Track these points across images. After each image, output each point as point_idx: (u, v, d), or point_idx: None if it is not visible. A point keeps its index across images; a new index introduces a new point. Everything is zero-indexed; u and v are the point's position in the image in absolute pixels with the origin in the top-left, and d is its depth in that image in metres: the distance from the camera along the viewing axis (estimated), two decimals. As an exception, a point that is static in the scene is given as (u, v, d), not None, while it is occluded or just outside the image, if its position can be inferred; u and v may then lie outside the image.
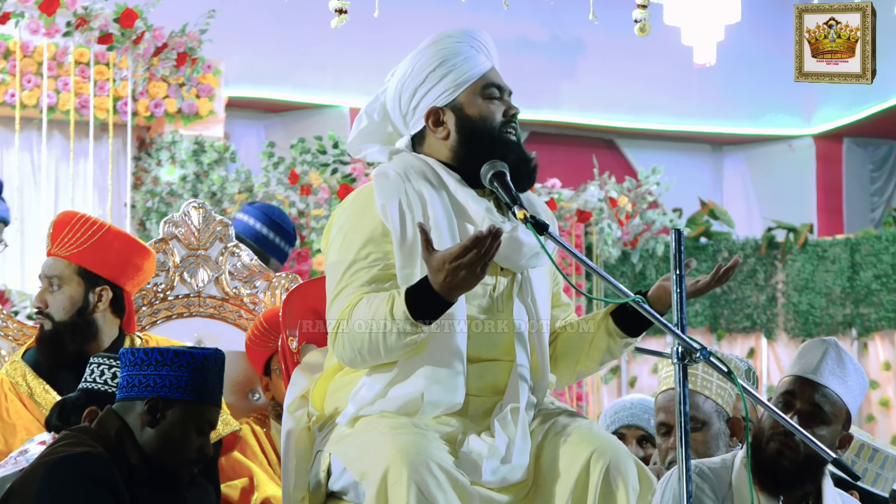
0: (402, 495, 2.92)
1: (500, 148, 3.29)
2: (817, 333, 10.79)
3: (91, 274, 4.00)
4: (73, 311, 3.98)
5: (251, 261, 4.52)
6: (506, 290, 3.28)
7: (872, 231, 11.04)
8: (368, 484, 2.98)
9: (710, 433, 4.14)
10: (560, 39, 11.82)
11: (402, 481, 2.93)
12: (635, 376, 10.75)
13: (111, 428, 3.23)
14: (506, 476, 3.12)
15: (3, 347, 4.18)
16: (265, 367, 4.28)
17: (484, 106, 3.32)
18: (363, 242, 3.21)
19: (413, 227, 3.18)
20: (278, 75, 10.63)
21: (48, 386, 3.90)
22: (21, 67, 8.60)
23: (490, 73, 3.35)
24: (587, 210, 10.08)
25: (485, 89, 3.33)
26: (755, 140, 12.77)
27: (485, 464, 3.08)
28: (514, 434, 3.13)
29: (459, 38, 3.36)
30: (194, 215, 4.48)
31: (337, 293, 3.20)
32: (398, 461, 2.95)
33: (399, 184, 3.24)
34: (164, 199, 9.01)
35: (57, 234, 4.03)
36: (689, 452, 3.06)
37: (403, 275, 3.17)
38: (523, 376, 3.23)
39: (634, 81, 11.84)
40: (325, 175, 9.37)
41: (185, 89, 9.11)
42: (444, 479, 2.96)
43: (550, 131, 11.91)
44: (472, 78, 3.32)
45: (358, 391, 3.21)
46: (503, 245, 3.10)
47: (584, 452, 3.10)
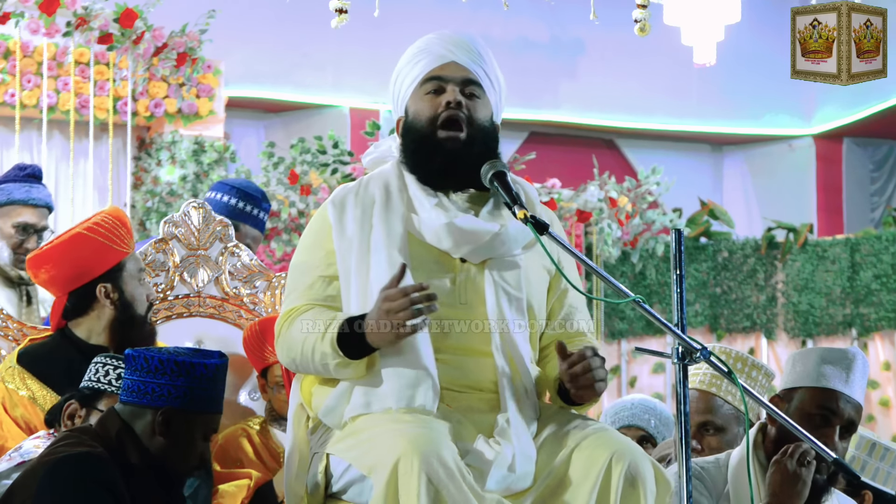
0: (413, 486, 2.90)
1: (429, 147, 3.28)
2: (817, 333, 10.79)
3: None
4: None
5: (251, 261, 4.52)
6: (467, 282, 3.24)
7: (872, 231, 11.04)
8: (378, 476, 2.97)
9: (725, 438, 4.13)
10: (560, 39, 11.82)
11: (412, 472, 2.91)
12: (635, 376, 10.75)
13: (112, 428, 3.23)
14: (510, 486, 3.11)
15: (2, 347, 4.18)
16: (263, 372, 4.28)
17: (420, 104, 3.32)
18: (309, 245, 3.32)
19: (353, 220, 3.24)
20: (278, 75, 10.63)
21: (47, 387, 3.88)
22: (21, 67, 8.60)
23: (436, 69, 3.31)
24: (587, 210, 10.08)
25: (423, 86, 3.32)
26: (755, 140, 12.77)
27: (491, 471, 3.07)
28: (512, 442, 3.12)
29: (417, 46, 3.37)
30: (194, 215, 4.47)
31: (288, 294, 3.31)
32: (409, 452, 2.93)
33: (354, 186, 3.34)
34: (164, 199, 9.01)
35: (128, 223, 4.01)
36: (689, 452, 3.06)
37: (343, 268, 3.25)
38: (502, 380, 3.20)
39: (634, 81, 11.84)
40: (325, 175, 9.37)
41: (185, 89, 9.10)
42: (455, 472, 2.95)
43: (550, 131, 11.91)
44: (416, 79, 3.32)
45: (326, 398, 3.24)
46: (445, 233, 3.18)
47: (602, 455, 3.08)
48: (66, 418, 3.54)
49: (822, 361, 3.64)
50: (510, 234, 3.25)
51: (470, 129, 3.28)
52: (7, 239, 5.03)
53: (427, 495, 2.90)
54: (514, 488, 3.12)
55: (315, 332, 3.17)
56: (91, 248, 3.90)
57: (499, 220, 3.27)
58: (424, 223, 3.24)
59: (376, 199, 3.27)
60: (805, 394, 3.63)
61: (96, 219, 3.94)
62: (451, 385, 3.20)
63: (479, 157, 3.27)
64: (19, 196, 5.03)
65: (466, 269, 3.26)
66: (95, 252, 3.90)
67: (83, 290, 3.91)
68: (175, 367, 3.21)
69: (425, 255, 3.24)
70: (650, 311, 3.08)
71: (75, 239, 3.93)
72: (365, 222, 3.26)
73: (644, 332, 10.58)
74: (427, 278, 3.18)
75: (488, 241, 3.23)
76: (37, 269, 3.95)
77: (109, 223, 3.92)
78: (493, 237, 3.23)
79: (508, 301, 3.24)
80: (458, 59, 3.31)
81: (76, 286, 3.91)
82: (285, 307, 3.29)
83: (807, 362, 3.67)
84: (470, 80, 3.31)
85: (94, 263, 3.90)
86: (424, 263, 3.23)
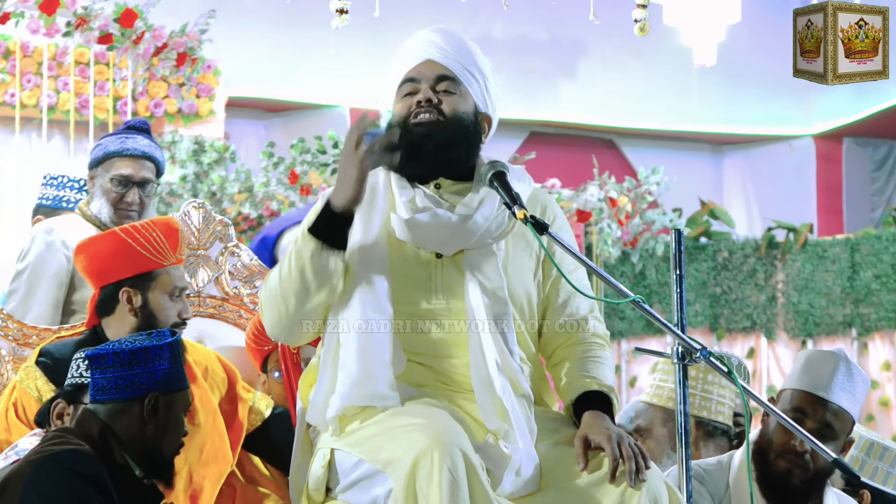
0: (435, 480, 2.88)
1: (406, 143, 3.25)
2: (817, 333, 10.80)
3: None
4: None
5: (251, 260, 4.52)
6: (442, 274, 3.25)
7: (872, 231, 11.04)
8: (395, 471, 2.96)
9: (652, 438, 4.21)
10: (560, 39, 11.82)
11: (434, 467, 2.89)
12: (635, 376, 10.75)
13: (92, 428, 3.24)
14: (519, 490, 3.10)
15: (2, 347, 4.18)
16: (263, 366, 4.28)
17: (398, 106, 3.33)
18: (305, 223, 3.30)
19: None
20: (278, 75, 10.63)
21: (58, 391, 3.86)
22: (21, 67, 8.61)
23: (413, 68, 3.33)
24: (587, 210, 10.08)
25: (400, 89, 3.34)
26: (755, 140, 12.78)
27: (506, 476, 3.07)
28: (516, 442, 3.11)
29: (399, 48, 3.38)
30: (194, 215, 4.48)
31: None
32: (430, 446, 2.91)
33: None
34: (164, 199, 9.01)
35: (178, 240, 3.96)
36: (689, 452, 3.06)
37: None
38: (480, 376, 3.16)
39: (634, 81, 11.84)
40: (325, 175, 9.37)
41: (185, 89, 9.11)
42: (476, 465, 2.94)
43: (550, 131, 11.92)
44: (395, 83, 3.35)
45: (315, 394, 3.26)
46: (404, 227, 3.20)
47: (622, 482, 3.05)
48: (56, 418, 3.54)
49: (806, 364, 3.66)
50: (478, 223, 3.22)
51: (441, 118, 3.27)
52: (106, 194, 4.80)
53: (449, 490, 2.88)
54: (520, 492, 3.11)
55: (287, 256, 3.20)
56: (121, 249, 3.88)
57: (473, 210, 3.23)
58: (393, 219, 3.25)
59: (364, 199, 3.26)
60: (787, 394, 3.65)
61: (141, 223, 3.93)
62: (430, 383, 3.20)
63: (452, 142, 3.26)
64: (114, 148, 4.80)
65: (442, 263, 3.25)
66: (125, 254, 3.88)
67: (110, 289, 3.90)
68: (147, 354, 3.24)
69: (404, 252, 3.25)
70: (650, 311, 3.08)
71: (108, 236, 3.93)
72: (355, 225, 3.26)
73: (644, 332, 10.58)
74: (405, 276, 3.21)
75: (451, 232, 3.21)
76: (77, 255, 3.97)
77: (149, 231, 3.89)
78: (456, 228, 3.20)
79: (483, 292, 3.21)
80: (432, 56, 3.32)
81: (103, 283, 3.90)
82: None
83: (796, 364, 3.69)
84: (443, 76, 3.31)
85: (122, 265, 3.88)
86: (402, 260, 3.24)
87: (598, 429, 3.12)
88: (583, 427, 3.16)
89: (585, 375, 3.27)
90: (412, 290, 3.23)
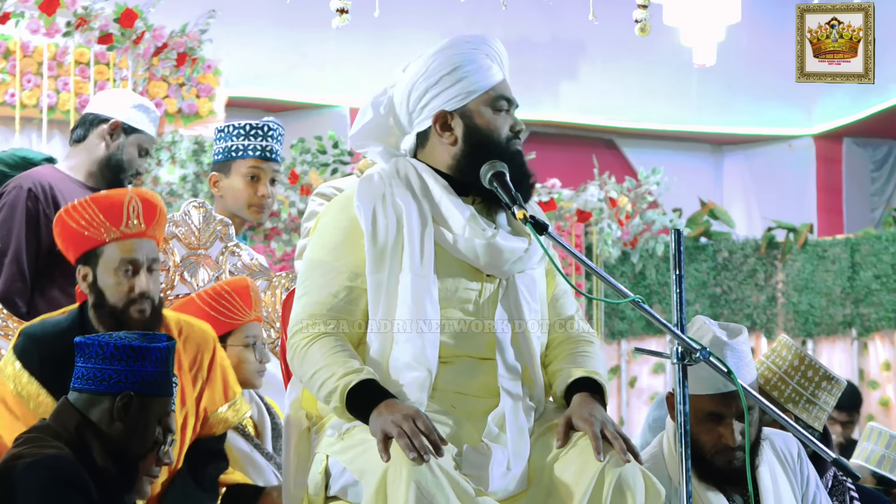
0: (402, 493, 2.91)
1: (507, 162, 3.30)
2: (817, 333, 10.79)
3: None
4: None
5: (251, 260, 4.52)
6: (492, 295, 3.28)
7: (872, 231, 11.04)
8: (367, 481, 2.99)
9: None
10: (560, 39, 11.83)
11: (401, 479, 2.92)
12: (635, 376, 10.75)
13: (70, 423, 3.24)
14: (507, 486, 3.12)
15: (2, 347, 4.18)
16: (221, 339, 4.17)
17: (492, 118, 3.34)
18: (335, 244, 3.28)
19: (385, 232, 3.23)
20: (278, 75, 10.64)
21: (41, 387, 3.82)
22: (21, 67, 8.60)
23: (501, 84, 3.37)
24: (587, 210, 10.09)
25: (495, 101, 3.35)
26: (755, 140, 12.78)
27: (492, 471, 3.09)
28: (505, 443, 3.14)
29: (476, 45, 3.37)
30: (194, 215, 4.48)
31: (302, 294, 3.29)
32: (398, 459, 2.95)
33: (380, 188, 3.30)
34: (164, 199, 9.01)
35: (154, 213, 3.95)
36: (688, 452, 3.06)
37: (374, 280, 3.23)
38: (503, 384, 3.22)
39: (634, 81, 11.85)
40: (325, 175, 9.37)
41: (185, 89, 9.10)
42: (443, 480, 2.95)
43: (550, 131, 11.92)
44: (484, 88, 3.34)
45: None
46: (483, 252, 3.20)
47: (595, 464, 3.08)
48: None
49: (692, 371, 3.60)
50: (534, 249, 3.29)
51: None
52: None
53: (415, 502, 2.90)
54: (514, 489, 3.12)
55: (331, 370, 3.16)
56: (63, 228, 3.89)
57: (522, 233, 3.30)
58: (461, 239, 3.24)
59: (403, 208, 3.26)
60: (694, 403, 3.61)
61: (78, 202, 3.90)
62: (470, 391, 3.23)
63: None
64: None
65: (490, 282, 3.29)
66: (68, 233, 3.89)
67: (71, 267, 3.93)
68: (131, 353, 3.24)
69: (452, 268, 3.26)
70: (650, 311, 3.08)
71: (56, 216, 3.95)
72: (399, 236, 3.25)
73: (644, 332, 10.58)
74: (454, 292, 3.23)
75: (519, 258, 3.27)
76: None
77: (89, 212, 3.88)
78: (523, 254, 3.27)
79: (520, 310, 3.28)
80: (507, 77, 3.42)
81: (68, 258, 3.92)
82: (304, 309, 3.26)
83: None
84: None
85: (69, 244, 3.90)
86: (450, 277, 3.25)
87: (582, 411, 3.16)
88: (569, 409, 3.21)
89: (576, 367, 3.32)
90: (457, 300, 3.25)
